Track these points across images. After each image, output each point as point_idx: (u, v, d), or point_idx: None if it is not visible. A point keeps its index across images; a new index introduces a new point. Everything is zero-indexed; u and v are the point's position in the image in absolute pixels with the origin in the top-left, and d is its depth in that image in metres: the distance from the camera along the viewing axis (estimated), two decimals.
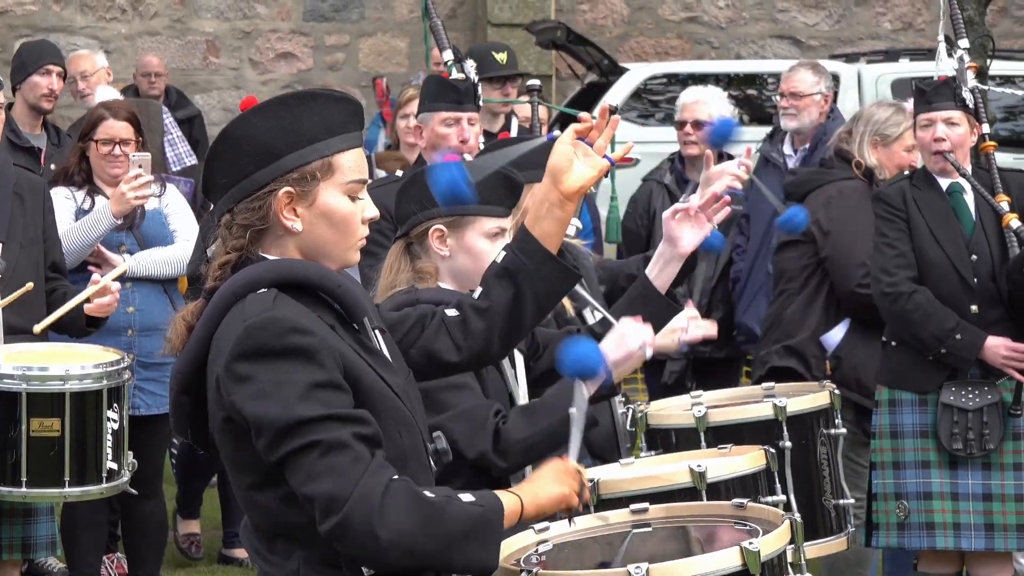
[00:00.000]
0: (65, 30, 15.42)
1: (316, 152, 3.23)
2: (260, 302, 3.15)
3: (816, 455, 5.09)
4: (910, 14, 16.68)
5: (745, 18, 16.58)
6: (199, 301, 3.30)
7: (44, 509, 5.85)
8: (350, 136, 3.29)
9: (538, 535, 3.53)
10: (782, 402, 4.98)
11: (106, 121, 6.84)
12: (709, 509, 3.69)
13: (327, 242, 3.27)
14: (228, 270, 3.25)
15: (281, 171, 3.22)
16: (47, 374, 5.46)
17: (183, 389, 3.26)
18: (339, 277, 3.28)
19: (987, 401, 6.09)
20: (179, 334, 3.29)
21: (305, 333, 3.12)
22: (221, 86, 15.76)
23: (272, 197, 3.22)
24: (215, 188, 3.29)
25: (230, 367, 3.12)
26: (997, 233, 6.15)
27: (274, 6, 15.85)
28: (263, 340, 3.10)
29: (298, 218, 3.24)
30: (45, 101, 8.48)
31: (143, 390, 6.76)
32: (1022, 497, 6.09)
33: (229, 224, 3.26)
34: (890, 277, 6.17)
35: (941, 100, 6.20)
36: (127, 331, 6.75)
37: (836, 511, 5.10)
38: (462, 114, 6.12)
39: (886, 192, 6.32)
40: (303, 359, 3.11)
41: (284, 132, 3.23)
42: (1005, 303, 6.13)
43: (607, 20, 16.42)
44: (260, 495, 3.19)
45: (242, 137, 3.24)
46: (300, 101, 3.27)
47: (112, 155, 6.84)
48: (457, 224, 4.35)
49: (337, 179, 3.26)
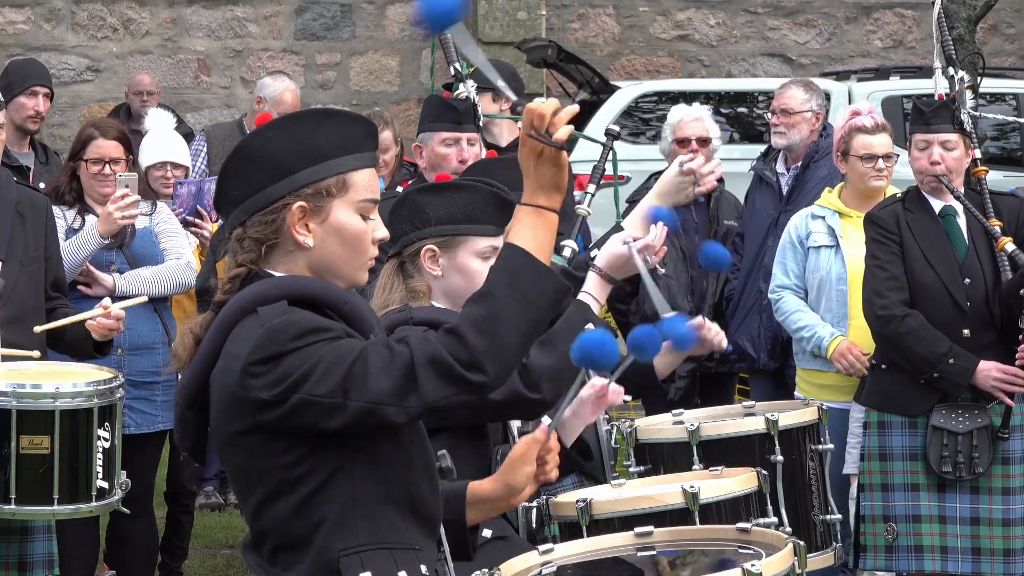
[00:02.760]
0: (57, 49, 15.43)
1: (331, 169, 3.25)
2: (276, 309, 3.17)
3: (806, 470, 5.09)
4: (900, 32, 16.71)
5: (736, 36, 16.61)
6: (208, 314, 3.31)
7: (41, 527, 5.83)
8: (364, 155, 3.30)
9: (542, 556, 3.52)
10: (774, 416, 4.97)
11: (95, 141, 6.84)
12: (713, 533, 3.69)
13: (338, 259, 3.28)
14: (237, 284, 3.27)
15: (295, 186, 3.24)
16: (39, 391, 5.44)
17: (189, 404, 3.28)
18: (346, 294, 3.29)
19: (977, 425, 6.07)
20: (187, 347, 3.31)
21: (326, 329, 3.16)
22: (212, 104, 15.76)
23: (285, 211, 3.23)
24: (227, 202, 3.30)
25: (250, 369, 3.13)
26: (990, 257, 6.13)
27: (265, 25, 15.87)
28: (284, 339, 3.13)
29: (310, 234, 3.25)
30: (31, 122, 8.47)
31: (133, 409, 6.75)
32: (1010, 522, 6.08)
33: (240, 238, 3.28)
34: (882, 300, 6.16)
35: (940, 122, 6.17)
36: (117, 350, 6.72)
37: (825, 526, 5.10)
38: (461, 134, 6.14)
39: (879, 215, 6.30)
40: (326, 338, 3.14)
41: (299, 148, 3.24)
42: (998, 327, 6.11)
43: (598, 38, 16.44)
44: (274, 505, 3.20)
45: (257, 152, 3.26)
46: (316, 118, 3.29)
47: (102, 174, 6.83)
48: (449, 244, 4.36)
49: (351, 197, 3.27)
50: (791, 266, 7.10)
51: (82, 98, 15.52)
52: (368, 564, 3.20)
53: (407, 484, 3.27)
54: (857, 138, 6.90)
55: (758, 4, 16.66)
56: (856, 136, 6.91)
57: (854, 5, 16.71)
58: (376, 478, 3.22)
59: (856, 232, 6.98)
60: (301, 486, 3.19)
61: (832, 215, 7.04)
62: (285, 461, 3.19)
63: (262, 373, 3.13)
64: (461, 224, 4.35)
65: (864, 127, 6.91)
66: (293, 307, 3.19)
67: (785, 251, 7.14)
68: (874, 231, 6.26)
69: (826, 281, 7.01)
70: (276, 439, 3.19)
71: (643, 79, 15.60)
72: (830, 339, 6.85)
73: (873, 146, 6.89)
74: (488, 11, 15.49)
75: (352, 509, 3.20)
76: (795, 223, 7.14)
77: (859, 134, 6.91)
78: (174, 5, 15.69)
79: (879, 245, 6.22)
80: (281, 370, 3.12)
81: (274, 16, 15.90)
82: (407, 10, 15.80)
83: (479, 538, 4.12)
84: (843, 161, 6.97)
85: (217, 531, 8.45)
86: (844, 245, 6.98)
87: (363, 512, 3.21)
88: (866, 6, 16.71)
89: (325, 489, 3.19)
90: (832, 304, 6.99)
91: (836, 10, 16.72)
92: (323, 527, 3.19)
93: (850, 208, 7.01)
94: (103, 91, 15.48)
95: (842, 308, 6.95)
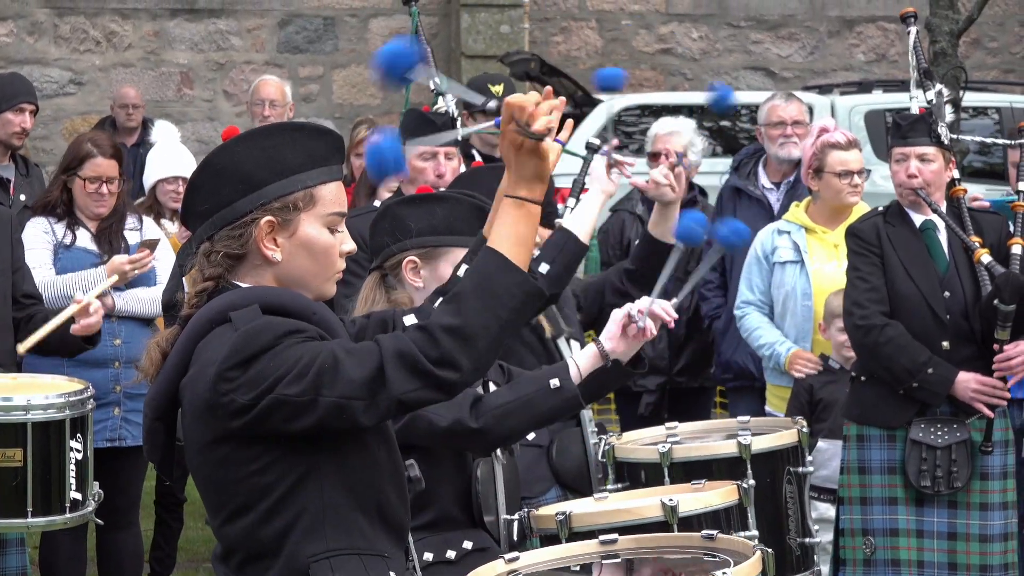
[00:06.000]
0: (39, 62, 15.41)
1: (299, 182, 3.25)
2: (247, 314, 3.17)
3: (782, 493, 5.07)
4: (883, 46, 16.74)
5: (719, 49, 16.63)
6: (174, 328, 3.31)
7: (14, 540, 5.82)
8: (332, 169, 3.30)
9: (508, 565, 3.51)
10: (747, 440, 4.96)
11: (94, 159, 6.82)
12: (678, 540, 3.70)
13: (306, 273, 3.29)
14: (204, 297, 3.26)
15: (263, 200, 3.24)
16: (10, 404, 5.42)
17: (157, 416, 3.28)
18: (314, 304, 3.29)
19: (956, 439, 6.06)
20: (153, 361, 3.30)
21: (301, 330, 3.16)
22: (195, 117, 15.75)
23: (253, 226, 3.24)
24: (194, 216, 3.30)
25: (225, 374, 3.13)
26: (970, 271, 6.13)
27: (248, 38, 15.85)
28: (261, 341, 3.13)
29: (278, 248, 3.26)
30: (16, 138, 8.45)
31: (130, 421, 6.77)
32: (986, 538, 6.06)
33: (208, 252, 3.28)
34: (862, 310, 6.15)
35: (916, 135, 6.19)
36: (114, 363, 6.78)
37: (802, 549, 5.07)
38: (438, 148, 6.13)
39: (860, 227, 6.31)
40: (299, 340, 3.15)
41: (267, 162, 3.24)
42: (977, 341, 6.11)
43: (580, 52, 16.45)
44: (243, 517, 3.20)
45: (225, 166, 3.26)
46: (284, 132, 3.30)
47: (98, 193, 6.82)
48: (431, 255, 4.37)
49: (318, 210, 3.27)
50: (756, 281, 7.16)
51: (65, 111, 15.50)
52: (338, 569, 3.20)
53: (375, 491, 3.27)
54: (831, 154, 6.93)
55: (741, 18, 16.68)
56: (830, 152, 6.93)
57: (837, 19, 16.74)
58: (345, 485, 3.22)
59: (821, 248, 7.04)
60: (270, 493, 3.19)
61: (798, 230, 7.08)
62: (254, 468, 3.19)
63: (237, 377, 3.13)
64: (442, 235, 4.37)
65: (838, 143, 6.94)
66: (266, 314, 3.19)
67: (751, 267, 7.19)
68: (855, 243, 6.26)
69: (791, 296, 7.06)
70: (246, 446, 3.18)
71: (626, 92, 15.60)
72: (786, 355, 6.96)
73: (849, 162, 6.95)
74: (471, 24, 15.50)
75: (321, 516, 3.20)
76: (761, 238, 7.19)
77: (833, 150, 6.93)
78: (157, 18, 15.67)
79: (860, 257, 6.22)
80: (256, 372, 3.12)
81: (257, 29, 15.89)
82: (390, 23, 15.81)
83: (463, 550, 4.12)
84: (815, 178, 6.99)
85: (200, 544, 8.44)
86: (809, 261, 7.04)
87: (332, 519, 3.21)
88: (849, 20, 16.74)
89: (294, 495, 3.19)
90: (797, 319, 7.06)
91: (819, 24, 16.75)
92: (292, 534, 3.20)
93: (817, 224, 7.06)
94: (86, 104, 15.46)
95: (806, 323, 7.03)
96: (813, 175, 7.01)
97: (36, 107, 8.67)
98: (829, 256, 7.04)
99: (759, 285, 7.15)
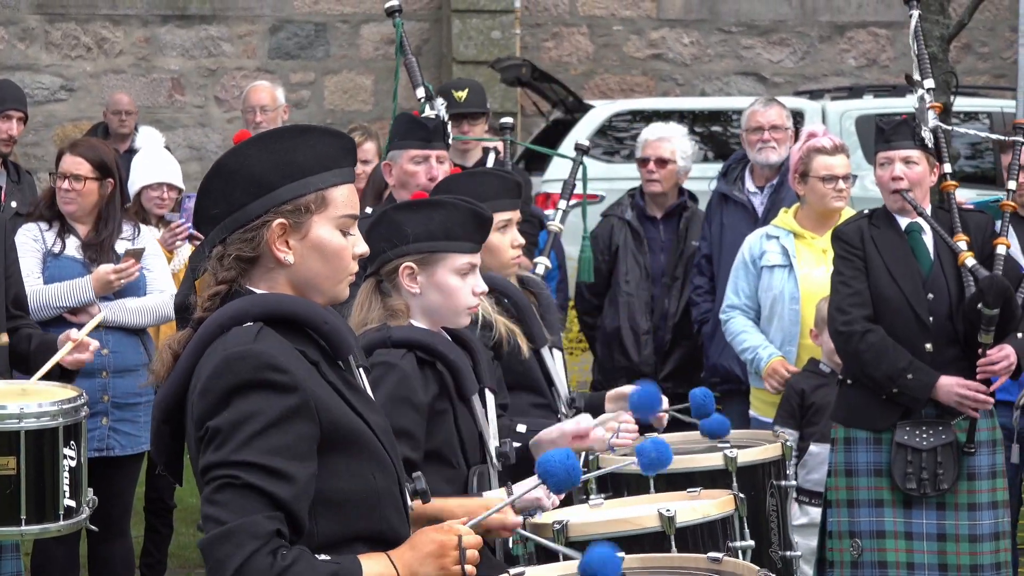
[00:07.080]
0: (31, 68, 15.40)
1: (310, 185, 3.25)
2: (243, 335, 3.16)
3: (765, 506, 5.07)
4: (874, 51, 16.76)
5: (710, 55, 16.64)
6: (187, 331, 3.31)
7: (9, 547, 5.81)
8: (343, 171, 3.31)
9: None
10: (732, 453, 4.96)
11: (64, 156, 6.81)
12: (685, 562, 3.68)
13: (318, 275, 3.28)
14: (217, 301, 3.26)
15: (275, 203, 3.24)
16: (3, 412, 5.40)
17: (165, 418, 3.27)
18: (326, 313, 3.28)
19: (941, 441, 6.08)
20: (165, 363, 3.30)
21: (282, 371, 3.12)
22: (186, 124, 15.75)
23: (265, 229, 3.23)
24: (206, 219, 3.30)
25: (204, 393, 3.13)
26: (955, 273, 6.15)
27: (239, 44, 15.85)
28: (239, 372, 3.11)
29: (290, 250, 3.25)
30: (3, 145, 8.46)
31: (118, 431, 6.76)
32: (975, 538, 6.07)
33: (220, 255, 3.27)
34: (845, 316, 6.17)
35: (900, 139, 6.22)
36: (102, 373, 6.75)
37: (783, 563, 5.08)
38: (430, 152, 6.12)
39: (844, 230, 6.33)
40: (274, 392, 3.10)
41: (279, 164, 3.24)
42: (961, 343, 6.12)
43: (572, 57, 16.46)
44: None
45: (236, 169, 3.26)
46: (295, 135, 3.29)
47: (63, 189, 6.78)
48: (427, 261, 4.35)
49: (330, 213, 3.27)
50: (742, 286, 7.21)
51: (56, 117, 15.49)
52: None
53: (375, 520, 3.24)
54: (817, 159, 7.00)
55: (732, 23, 16.70)
56: (816, 157, 7.00)
57: (828, 24, 16.76)
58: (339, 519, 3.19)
59: (809, 253, 7.08)
60: None
61: (787, 235, 7.12)
62: None
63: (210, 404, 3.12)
64: (439, 241, 4.34)
65: (823, 148, 7.00)
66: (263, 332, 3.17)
67: (738, 271, 7.25)
68: (839, 247, 6.29)
69: (779, 300, 7.11)
70: None
71: (617, 98, 15.62)
72: (767, 360, 7.01)
73: (833, 167, 7.01)
74: (462, 30, 15.50)
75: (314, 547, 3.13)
76: (749, 243, 7.25)
77: (818, 155, 7.00)
78: (148, 24, 15.67)
79: (843, 261, 6.25)
80: (208, 409, 3.11)
81: (248, 35, 15.89)
82: (381, 29, 15.81)
83: None
84: (801, 183, 7.04)
85: (190, 550, 8.42)
86: (797, 265, 7.10)
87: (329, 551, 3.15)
88: (840, 25, 16.76)
89: None
90: (784, 323, 7.11)
91: (810, 29, 16.77)
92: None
93: (805, 229, 7.11)
94: (77, 110, 15.46)
95: (794, 327, 7.07)
96: (799, 179, 7.06)
97: (25, 114, 8.66)
98: (817, 261, 7.07)
99: (745, 289, 7.20)
